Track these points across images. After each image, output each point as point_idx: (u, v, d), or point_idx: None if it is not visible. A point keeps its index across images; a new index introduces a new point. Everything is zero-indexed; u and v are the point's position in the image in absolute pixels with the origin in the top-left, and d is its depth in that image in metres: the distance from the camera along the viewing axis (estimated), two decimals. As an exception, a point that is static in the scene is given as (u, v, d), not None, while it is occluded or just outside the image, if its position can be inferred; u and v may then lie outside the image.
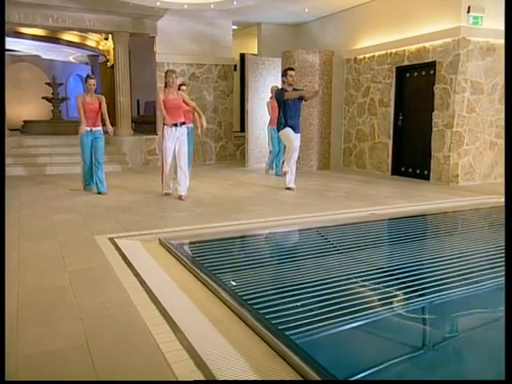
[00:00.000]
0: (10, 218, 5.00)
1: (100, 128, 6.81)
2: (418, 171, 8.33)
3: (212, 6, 8.40)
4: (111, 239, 4.26)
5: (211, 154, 11.10)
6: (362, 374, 2.31)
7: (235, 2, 8.22)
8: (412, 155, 8.44)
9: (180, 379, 2.03)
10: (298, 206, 5.98)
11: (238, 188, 7.37)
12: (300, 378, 2.05)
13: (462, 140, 7.53)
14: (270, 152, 9.11)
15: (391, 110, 8.65)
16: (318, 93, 7.32)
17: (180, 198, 6.31)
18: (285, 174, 7.18)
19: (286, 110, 6.94)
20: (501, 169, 8.01)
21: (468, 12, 7.18)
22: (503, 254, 4.00)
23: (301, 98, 7.06)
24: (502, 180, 7.97)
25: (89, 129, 6.67)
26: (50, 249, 3.98)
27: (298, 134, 7.14)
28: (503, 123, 7.81)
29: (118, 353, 2.27)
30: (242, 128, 11.14)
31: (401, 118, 8.56)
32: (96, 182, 6.78)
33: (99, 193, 6.69)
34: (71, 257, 3.76)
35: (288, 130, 6.98)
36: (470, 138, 7.60)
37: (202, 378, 2.04)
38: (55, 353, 2.27)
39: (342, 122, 9.94)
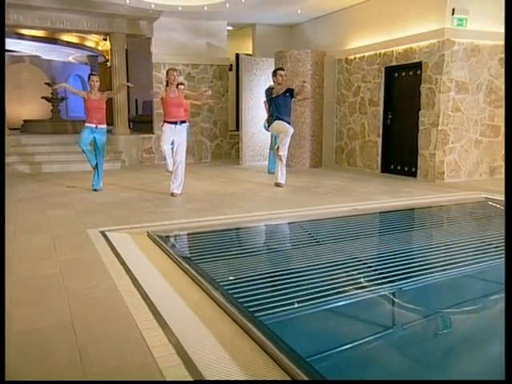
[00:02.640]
0: (8, 213, 5.22)
1: (104, 126, 6.94)
2: (405, 169, 8.55)
3: (205, 8, 8.62)
4: (102, 232, 4.50)
5: (207, 153, 11.33)
6: (326, 353, 2.55)
7: (228, 5, 8.44)
8: (400, 153, 8.66)
9: (152, 351, 2.26)
10: (285, 201, 6.20)
11: (230, 185, 7.60)
12: (260, 349, 2.28)
13: (448, 138, 7.75)
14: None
15: (380, 109, 8.87)
16: (304, 86, 7.48)
17: (172, 194, 6.52)
18: (280, 158, 7.29)
19: (276, 106, 7.23)
20: (486, 166, 8.23)
21: (452, 14, 7.38)
22: (473, 245, 4.24)
23: (290, 95, 7.27)
24: (486, 177, 8.21)
25: (93, 125, 6.82)
26: (43, 241, 4.22)
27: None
28: (488, 122, 8.05)
29: (100, 330, 2.51)
30: (238, 127, 11.36)
31: (390, 116, 8.78)
32: (93, 178, 6.98)
33: (94, 190, 6.92)
34: (63, 248, 4.00)
35: (278, 121, 7.24)
36: (456, 136, 7.82)
37: (172, 349, 2.28)
38: (43, 330, 2.51)
39: (334, 121, 10.16)
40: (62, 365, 2.16)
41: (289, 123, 7.28)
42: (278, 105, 7.21)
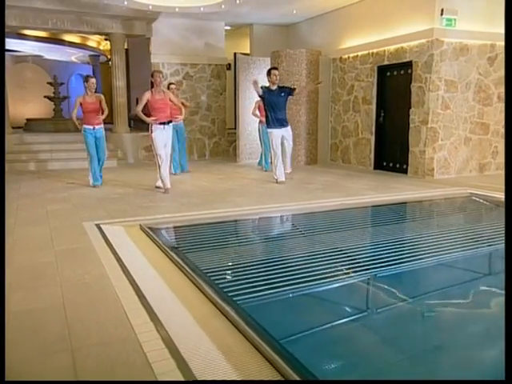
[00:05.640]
0: (9, 208, 5.48)
1: (102, 126, 7.25)
2: (397, 165, 8.75)
3: (202, 9, 8.84)
4: (97, 225, 4.73)
5: (205, 150, 11.56)
6: (298, 335, 2.76)
7: (223, 6, 8.65)
8: (392, 150, 8.86)
9: (135, 328, 2.49)
10: (276, 196, 6.42)
11: (225, 181, 7.83)
12: (232, 327, 2.51)
13: (437, 135, 7.94)
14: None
15: (373, 107, 9.06)
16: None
17: (166, 190, 6.70)
18: (277, 182, 7.50)
19: (270, 107, 7.40)
20: (475, 163, 8.42)
21: (441, 14, 7.57)
22: (450, 237, 4.45)
23: (285, 94, 7.47)
24: (476, 173, 8.40)
25: (91, 127, 7.12)
26: (41, 232, 4.47)
27: (288, 128, 7.55)
28: (477, 119, 8.24)
29: (88, 310, 2.74)
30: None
31: (382, 114, 8.98)
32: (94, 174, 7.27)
33: (94, 186, 7.16)
34: (59, 239, 4.24)
35: (272, 131, 7.45)
36: (445, 134, 8.01)
37: (152, 327, 2.50)
38: (36, 310, 2.74)
39: (329, 119, 10.36)
40: (52, 338, 2.39)
41: (285, 123, 7.49)
42: (272, 106, 7.35)
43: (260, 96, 7.55)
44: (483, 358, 2.57)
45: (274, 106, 7.38)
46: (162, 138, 6.69)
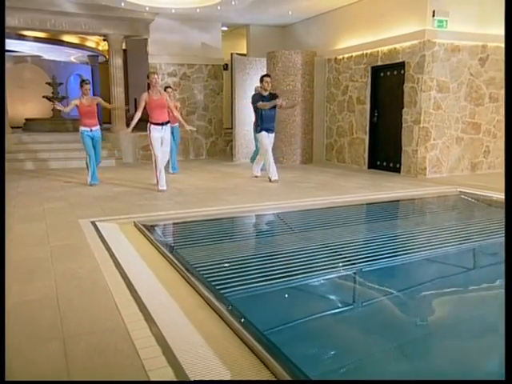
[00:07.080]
0: (7, 206, 5.57)
1: (98, 127, 7.45)
2: (391, 164, 8.87)
3: (198, 10, 8.96)
4: (93, 222, 4.85)
5: (202, 150, 11.68)
6: (282, 327, 2.88)
7: (219, 7, 8.78)
8: (386, 149, 8.98)
9: (124, 318, 2.61)
10: (269, 195, 6.53)
11: (220, 180, 7.95)
12: (217, 316, 2.63)
13: (429, 135, 8.06)
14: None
15: (367, 107, 9.18)
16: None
17: (161, 191, 6.80)
18: (256, 177, 7.90)
19: (262, 114, 7.58)
20: (467, 162, 8.55)
21: (433, 16, 7.69)
22: (431, 234, 4.57)
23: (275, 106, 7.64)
24: (468, 172, 8.53)
25: (88, 129, 7.32)
26: (37, 229, 4.59)
27: (272, 134, 7.76)
28: (469, 119, 8.36)
29: (80, 302, 2.87)
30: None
31: (376, 114, 9.10)
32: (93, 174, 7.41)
33: (91, 185, 7.28)
34: (55, 235, 4.36)
35: (263, 134, 7.63)
36: (437, 133, 8.13)
37: (141, 316, 2.63)
38: (31, 301, 2.87)
39: (324, 119, 10.48)
40: (45, 328, 2.52)
41: (272, 130, 7.69)
42: (264, 113, 7.54)
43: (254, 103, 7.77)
44: (472, 351, 2.66)
45: (263, 115, 7.54)
46: (160, 138, 6.84)
